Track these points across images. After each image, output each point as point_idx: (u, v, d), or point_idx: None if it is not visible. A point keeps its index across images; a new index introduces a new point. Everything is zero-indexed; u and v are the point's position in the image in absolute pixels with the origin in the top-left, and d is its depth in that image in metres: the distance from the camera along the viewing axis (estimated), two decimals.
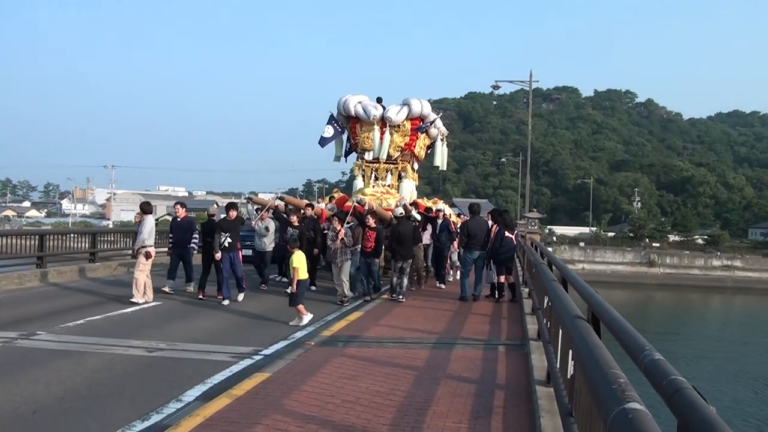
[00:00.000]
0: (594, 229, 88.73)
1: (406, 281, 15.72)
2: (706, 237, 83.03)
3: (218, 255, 14.34)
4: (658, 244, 71.40)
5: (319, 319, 12.64)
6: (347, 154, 23.84)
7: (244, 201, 19.70)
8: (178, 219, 16.07)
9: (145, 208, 14.94)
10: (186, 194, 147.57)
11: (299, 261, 12.24)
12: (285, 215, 17.38)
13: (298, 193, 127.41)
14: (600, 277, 54.67)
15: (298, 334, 11.14)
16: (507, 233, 15.35)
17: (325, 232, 15.83)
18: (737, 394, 21.56)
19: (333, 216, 15.55)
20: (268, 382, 7.75)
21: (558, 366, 6.02)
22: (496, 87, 46.70)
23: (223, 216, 15.17)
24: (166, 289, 15.46)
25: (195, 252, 16.34)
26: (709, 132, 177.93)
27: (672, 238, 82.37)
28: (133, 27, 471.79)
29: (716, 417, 1.99)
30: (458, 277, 18.79)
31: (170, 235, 16.46)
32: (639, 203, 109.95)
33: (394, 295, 15.43)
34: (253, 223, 17.37)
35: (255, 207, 18.26)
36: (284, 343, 10.38)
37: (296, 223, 16.27)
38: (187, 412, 6.66)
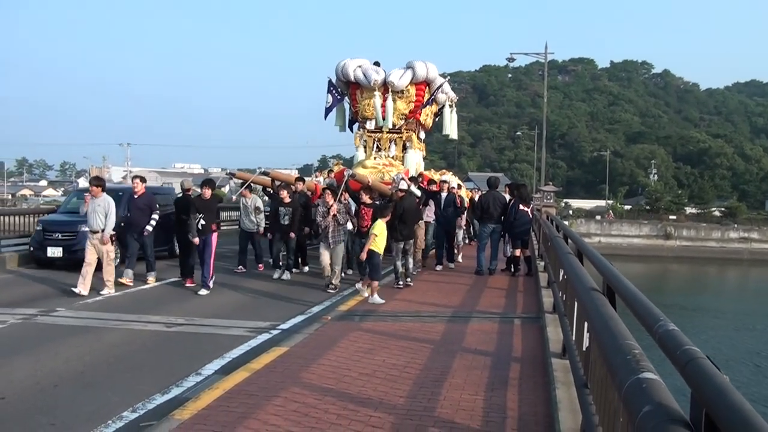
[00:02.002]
0: (610, 202, 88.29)
1: (412, 263, 14.08)
2: (723, 209, 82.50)
3: (196, 239, 12.73)
4: (674, 217, 71.01)
5: (335, 294, 12.71)
6: (351, 123, 22.01)
7: (226, 176, 17.36)
8: (135, 195, 13.64)
9: (101, 183, 12.92)
10: (202, 171, 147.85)
11: (380, 229, 12.01)
12: (274, 191, 15.66)
13: (313, 169, 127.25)
14: (616, 250, 54.34)
15: (315, 309, 11.23)
16: (522, 206, 15.31)
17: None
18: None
19: (324, 189, 14.06)
20: (286, 355, 7.81)
21: (573, 338, 6.04)
22: (511, 59, 46.42)
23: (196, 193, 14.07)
24: (125, 279, 13.22)
25: (149, 232, 13.67)
26: (726, 102, 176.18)
27: (689, 210, 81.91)
28: (150, 5, 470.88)
29: (730, 385, 2.00)
30: (459, 259, 18.26)
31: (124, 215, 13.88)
32: (655, 175, 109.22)
33: (400, 282, 13.61)
34: (234, 197, 15.96)
35: (239, 183, 16.83)
36: (301, 318, 10.47)
37: (287, 200, 14.67)
38: (207, 385, 6.75)
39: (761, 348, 24.78)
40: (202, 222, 12.67)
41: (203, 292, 12.52)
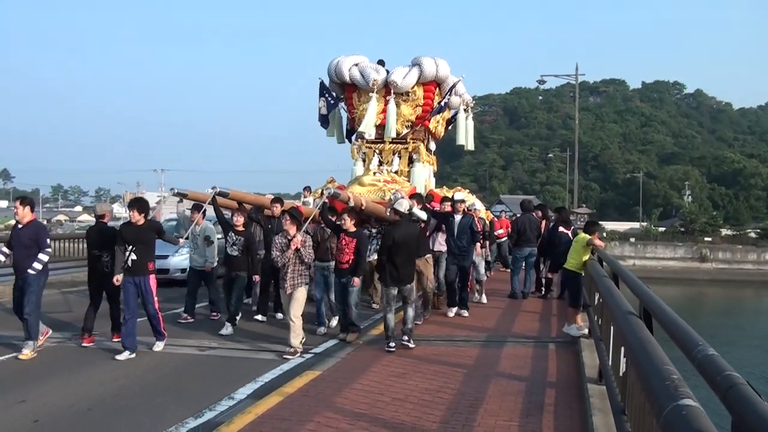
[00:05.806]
0: (644, 224, 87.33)
1: (412, 314, 10.13)
2: (759, 230, 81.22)
3: (117, 279, 9.48)
4: (710, 239, 70.05)
5: (367, 318, 12.62)
6: (350, 133, 18.46)
7: (175, 196, 12.56)
8: (20, 226, 9.45)
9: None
10: None
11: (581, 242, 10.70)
12: (223, 217, 12.06)
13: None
14: (650, 273, 53.74)
15: None
16: (562, 228, 14.58)
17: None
18: None
19: (284, 213, 10.73)
20: (319, 380, 7.80)
21: (610, 363, 5.96)
22: (541, 81, 46.58)
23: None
24: (28, 353, 9.17)
25: (35, 272, 9.23)
26: (760, 122, 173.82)
27: (724, 232, 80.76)
28: (180, 33, 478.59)
29: None
30: (484, 300, 14.99)
31: (4, 251, 9.77)
32: (690, 197, 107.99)
33: (391, 345, 9.63)
34: (183, 237, 11.81)
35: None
36: (333, 342, 10.41)
37: (240, 228, 11.53)
38: (240, 409, 6.75)
39: None
40: (133, 257, 9.37)
41: (160, 346, 9.83)
